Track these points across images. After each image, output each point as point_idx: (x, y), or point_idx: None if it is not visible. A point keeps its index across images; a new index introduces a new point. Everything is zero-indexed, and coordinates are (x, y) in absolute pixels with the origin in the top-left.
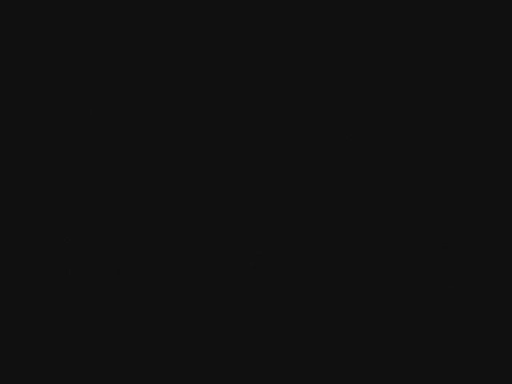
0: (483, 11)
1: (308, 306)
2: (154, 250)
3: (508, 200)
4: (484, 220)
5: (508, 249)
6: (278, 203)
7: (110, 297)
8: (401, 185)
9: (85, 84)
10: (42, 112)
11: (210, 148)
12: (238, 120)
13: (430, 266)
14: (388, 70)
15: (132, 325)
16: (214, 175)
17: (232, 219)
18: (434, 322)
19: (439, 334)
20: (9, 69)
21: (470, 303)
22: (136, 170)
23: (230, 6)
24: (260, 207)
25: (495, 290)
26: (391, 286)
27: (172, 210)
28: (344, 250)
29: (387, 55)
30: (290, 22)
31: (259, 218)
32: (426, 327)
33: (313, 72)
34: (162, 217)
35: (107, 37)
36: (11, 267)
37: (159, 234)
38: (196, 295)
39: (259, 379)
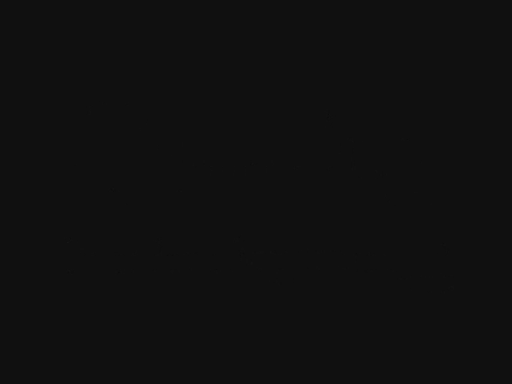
0: (483, 11)
1: (308, 305)
2: (154, 250)
3: (508, 200)
4: (484, 220)
5: (508, 249)
6: (277, 203)
7: (110, 297)
8: (401, 185)
9: (85, 84)
10: (42, 112)
11: (210, 148)
12: (237, 120)
13: (430, 266)
14: (388, 71)
15: (132, 325)
16: (214, 175)
17: (232, 219)
18: (434, 322)
19: (439, 334)
20: (9, 69)
21: (470, 303)
22: (136, 170)
23: (230, 6)
24: (260, 207)
25: (495, 290)
26: (391, 286)
27: (172, 210)
28: (344, 250)
29: (387, 55)
30: (290, 22)
31: (259, 218)
32: (426, 327)
33: (312, 72)
34: (162, 217)
35: (107, 37)
36: (11, 267)
37: (159, 233)
38: (196, 295)
39: (259, 379)
